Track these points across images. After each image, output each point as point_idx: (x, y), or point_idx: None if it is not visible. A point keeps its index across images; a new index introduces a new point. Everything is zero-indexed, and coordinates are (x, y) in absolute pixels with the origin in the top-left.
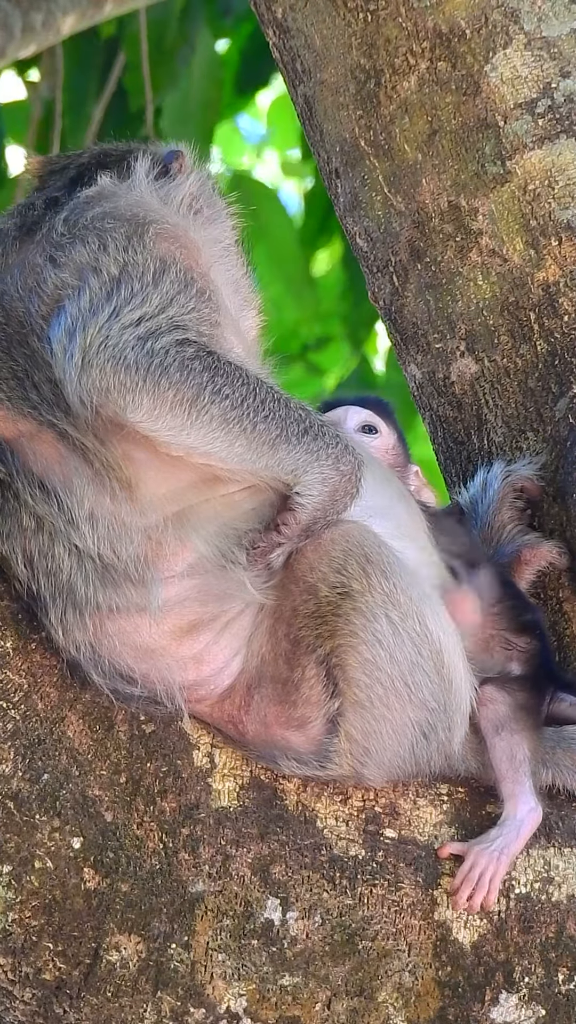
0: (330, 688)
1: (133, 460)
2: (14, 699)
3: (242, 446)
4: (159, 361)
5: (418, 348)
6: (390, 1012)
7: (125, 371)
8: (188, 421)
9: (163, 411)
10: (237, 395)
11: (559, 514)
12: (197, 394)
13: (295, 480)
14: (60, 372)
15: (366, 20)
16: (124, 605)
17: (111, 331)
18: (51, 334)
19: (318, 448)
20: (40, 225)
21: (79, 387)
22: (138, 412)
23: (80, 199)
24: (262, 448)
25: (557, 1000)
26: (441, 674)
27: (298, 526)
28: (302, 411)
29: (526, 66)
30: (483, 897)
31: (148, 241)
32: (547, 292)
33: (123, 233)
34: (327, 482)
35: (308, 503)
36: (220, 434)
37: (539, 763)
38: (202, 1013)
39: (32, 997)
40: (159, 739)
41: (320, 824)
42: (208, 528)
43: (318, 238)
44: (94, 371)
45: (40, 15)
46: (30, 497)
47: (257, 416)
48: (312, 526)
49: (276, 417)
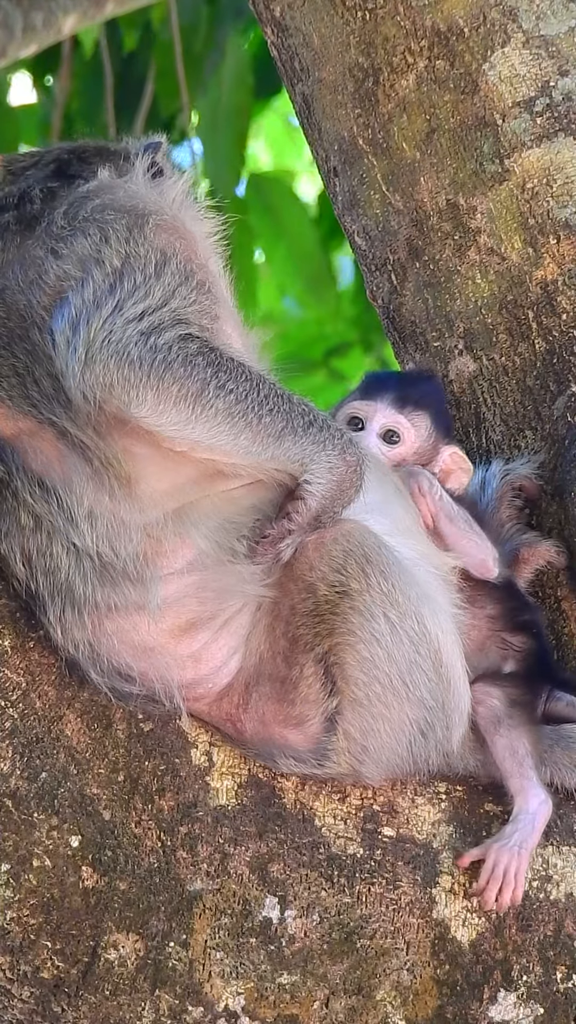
0: (328, 686)
1: (133, 455)
2: (12, 697)
3: (247, 439)
4: (163, 357)
5: (416, 346)
6: (388, 1010)
7: (129, 366)
8: (193, 416)
9: (167, 406)
10: (241, 390)
11: (557, 512)
12: (201, 389)
13: (302, 470)
14: (62, 366)
15: (364, 19)
16: (123, 603)
17: (115, 325)
18: (54, 325)
19: (323, 439)
20: (39, 219)
21: (82, 382)
22: (142, 407)
23: (79, 192)
24: (267, 440)
25: (555, 998)
26: (439, 673)
27: (309, 513)
28: (304, 405)
29: (524, 64)
30: (511, 893)
31: (149, 232)
32: (545, 290)
33: (124, 225)
34: (334, 471)
35: (317, 490)
36: (225, 428)
37: (540, 758)
38: (200, 1011)
39: (30, 995)
40: (157, 738)
41: (318, 822)
42: (208, 524)
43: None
44: (97, 366)
45: (41, 14)
46: (29, 495)
47: (262, 409)
48: (321, 515)
49: (280, 411)
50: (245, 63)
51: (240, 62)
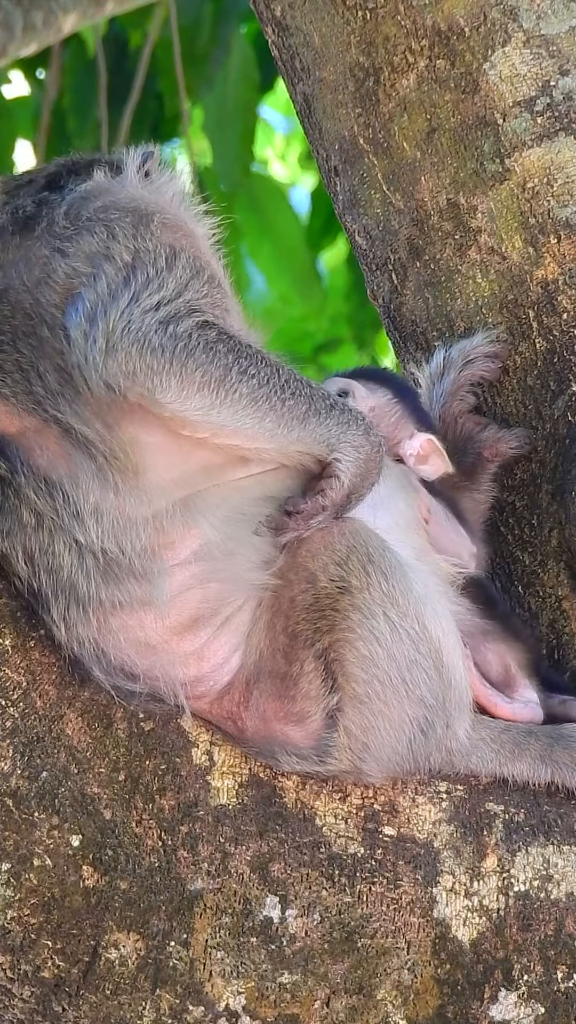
0: (329, 683)
1: (141, 445)
2: (13, 697)
3: (272, 422)
4: (184, 344)
5: (417, 346)
6: (389, 1010)
7: (151, 354)
8: (217, 400)
9: (191, 392)
10: (263, 374)
11: (557, 512)
12: (224, 374)
13: (329, 450)
14: (81, 358)
15: (365, 18)
16: (127, 600)
17: (132, 315)
18: (68, 321)
19: (347, 420)
20: (37, 220)
21: (104, 372)
22: (167, 394)
23: (77, 194)
24: (292, 423)
25: (556, 998)
26: (440, 672)
27: (342, 490)
28: (323, 390)
29: (525, 64)
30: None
31: (155, 229)
32: (546, 290)
33: (129, 222)
34: (360, 450)
35: (348, 468)
36: (250, 411)
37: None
38: (201, 1011)
39: (31, 995)
40: (158, 737)
41: (319, 822)
42: (216, 513)
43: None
44: (120, 355)
45: (41, 14)
46: (32, 492)
47: (284, 393)
48: (352, 494)
49: (302, 394)
50: (250, 58)
51: (245, 58)
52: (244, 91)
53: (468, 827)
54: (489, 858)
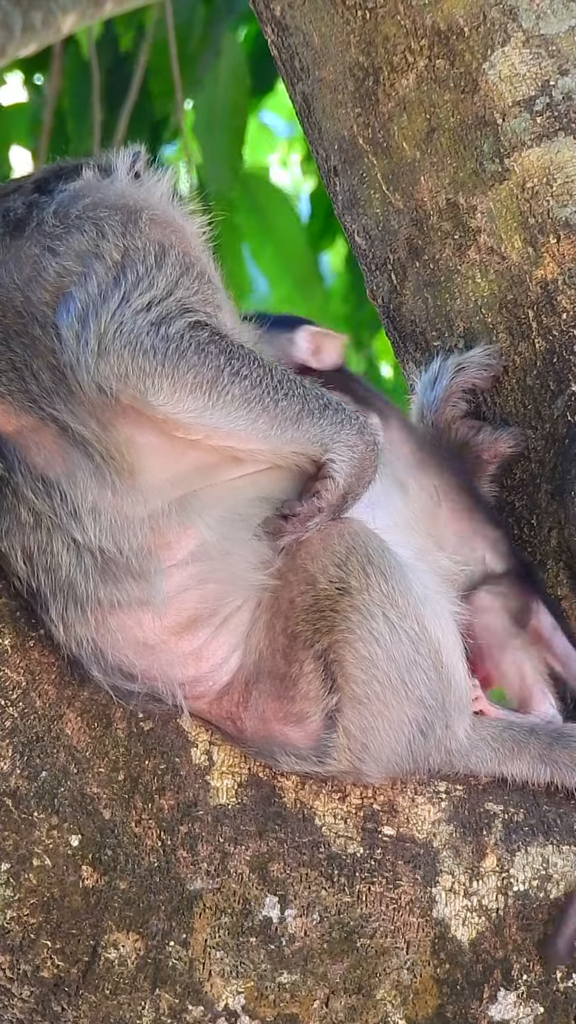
0: (328, 683)
1: (136, 445)
2: (12, 696)
3: (265, 423)
4: (175, 346)
5: (416, 346)
6: (388, 1010)
7: (143, 356)
8: (210, 402)
9: (184, 394)
10: (255, 375)
11: (557, 512)
12: (216, 376)
13: (323, 450)
14: (73, 360)
15: (364, 18)
16: (126, 600)
17: (124, 317)
18: (59, 320)
19: (340, 420)
20: (27, 221)
21: (97, 374)
22: (159, 396)
23: (66, 193)
24: (285, 423)
25: (555, 998)
26: (440, 673)
27: (337, 491)
28: (317, 389)
29: (524, 64)
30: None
31: (143, 226)
32: (545, 290)
33: (118, 220)
34: (355, 449)
35: (343, 468)
36: (243, 412)
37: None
38: (200, 1011)
39: (30, 995)
40: (157, 737)
41: (318, 822)
42: (212, 513)
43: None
44: (112, 357)
45: (40, 14)
46: (30, 491)
47: (277, 394)
48: (347, 494)
49: (295, 394)
50: (242, 61)
51: (236, 60)
52: (235, 93)
53: (467, 827)
54: (488, 858)
